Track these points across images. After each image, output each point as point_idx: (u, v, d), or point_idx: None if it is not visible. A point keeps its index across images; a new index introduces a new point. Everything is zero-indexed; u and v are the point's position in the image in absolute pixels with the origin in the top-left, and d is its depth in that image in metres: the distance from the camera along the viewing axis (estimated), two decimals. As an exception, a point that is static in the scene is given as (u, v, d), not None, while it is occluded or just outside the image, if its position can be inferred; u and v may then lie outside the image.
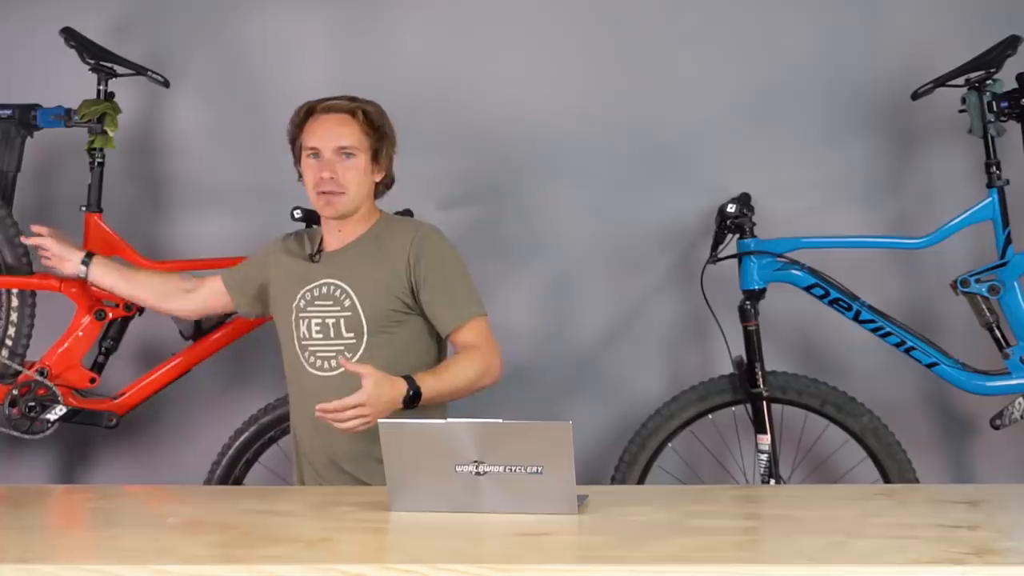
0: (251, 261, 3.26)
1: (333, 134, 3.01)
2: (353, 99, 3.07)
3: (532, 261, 3.83)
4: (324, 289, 3.02)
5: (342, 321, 2.99)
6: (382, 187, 3.12)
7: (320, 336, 3.00)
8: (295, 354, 3.06)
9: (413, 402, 2.80)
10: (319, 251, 3.10)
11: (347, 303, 2.99)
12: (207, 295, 3.27)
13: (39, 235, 3.38)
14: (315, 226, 3.26)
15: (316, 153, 3.02)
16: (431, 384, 2.84)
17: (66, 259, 3.35)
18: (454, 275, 3.01)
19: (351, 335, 2.98)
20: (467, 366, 2.92)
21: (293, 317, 3.05)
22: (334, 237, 3.09)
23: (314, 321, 3.01)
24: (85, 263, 3.33)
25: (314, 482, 3.03)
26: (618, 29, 3.86)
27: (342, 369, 2.87)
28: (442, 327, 2.99)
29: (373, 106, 3.07)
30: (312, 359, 3.03)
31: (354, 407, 2.71)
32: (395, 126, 3.10)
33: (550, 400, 3.80)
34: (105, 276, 3.34)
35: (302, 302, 3.04)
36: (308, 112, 3.06)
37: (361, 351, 2.97)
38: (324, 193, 3.01)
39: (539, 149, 3.78)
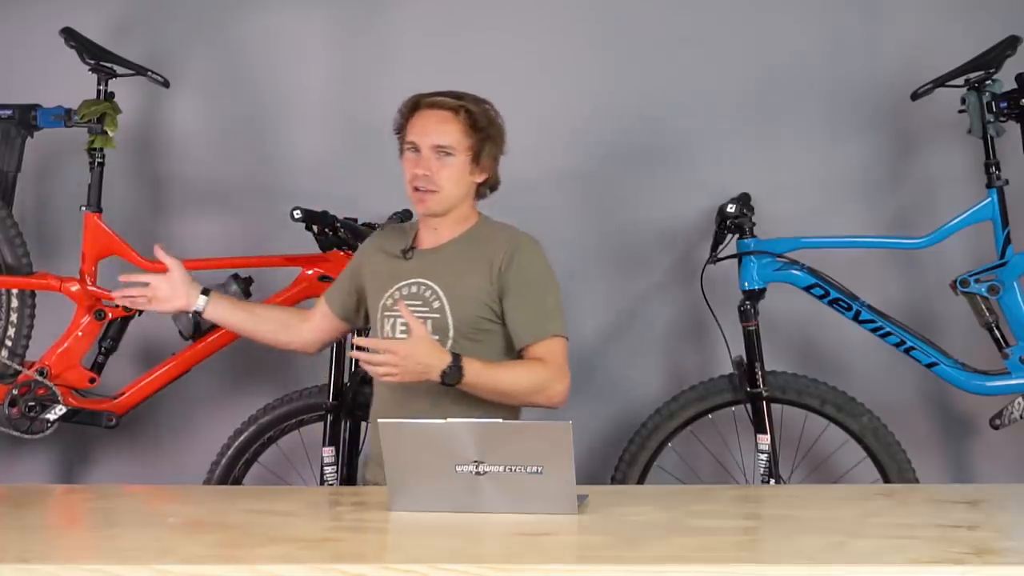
0: (346, 271, 3.15)
1: (433, 131, 2.92)
2: (460, 97, 2.97)
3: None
4: (414, 288, 2.94)
5: (429, 323, 2.88)
6: (485, 189, 3.01)
7: (404, 336, 2.89)
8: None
9: (453, 379, 2.73)
10: (412, 248, 3.02)
11: (436, 304, 2.91)
12: (319, 322, 3.14)
13: (163, 258, 3.07)
14: (414, 220, 3.16)
15: (415, 148, 2.94)
16: (477, 370, 2.75)
17: (180, 293, 3.05)
18: (542, 289, 2.92)
19: (436, 337, 2.86)
20: (525, 372, 2.84)
21: (379, 315, 2.97)
22: (430, 235, 3.01)
23: (400, 320, 2.92)
24: (205, 296, 3.07)
25: None
26: (618, 29, 3.86)
27: None
28: (518, 339, 2.89)
29: (480, 105, 2.97)
30: None
31: (386, 352, 2.67)
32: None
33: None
34: (226, 311, 3.10)
35: (389, 300, 2.95)
36: (414, 105, 2.98)
37: None
38: (417, 190, 2.93)
39: (539, 148, 3.78)
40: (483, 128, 2.94)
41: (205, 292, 3.08)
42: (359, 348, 2.74)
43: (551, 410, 2.89)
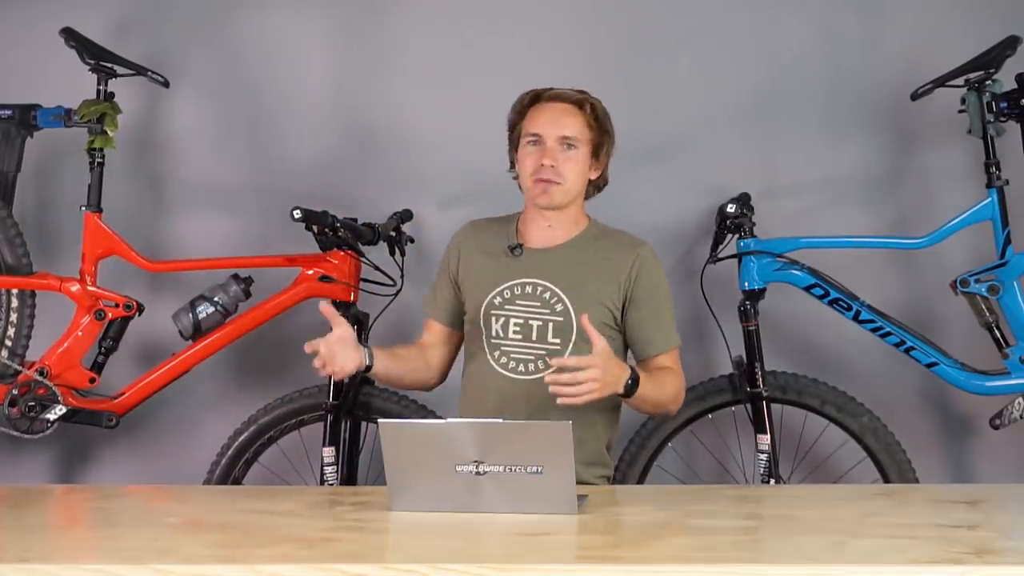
0: (440, 279, 3.09)
1: (558, 123, 2.93)
2: (581, 91, 3.00)
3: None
4: (529, 288, 2.93)
5: (550, 325, 2.89)
6: (593, 188, 3.04)
7: (519, 337, 2.90)
8: (482, 351, 2.94)
9: (632, 391, 2.73)
10: (519, 245, 2.98)
11: (559, 307, 2.90)
12: (441, 349, 3.07)
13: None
14: (512, 215, 3.10)
15: (537, 140, 2.94)
16: (645, 381, 2.77)
17: (352, 356, 2.84)
18: (666, 301, 2.98)
19: (556, 340, 2.87)
20: (670, 384, 2.90)
21: (483, 312, 2.94)
22: (542, 232, 2.98)
23: (513, 320, 2.91)
24: (368, 351, 2.92)
25: None
26: (618, 29, 3.86)
27: (538, 375, 2.85)
28: (643, 350, 2.93)
29: (599, 102, 3.01)
30: (504, 359, 2.92)
31: (590, 368, 2.61)
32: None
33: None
34: (385, 362, 2.95)
35: (498, 299, 2.93)
36: (534, 99, 2.99)
37: (565, 358, 2.81)
38: (541, 181, 2.92)
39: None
40: (603, 123, 2.98)
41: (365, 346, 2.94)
42: (555, 380, 2.63)
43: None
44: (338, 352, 2.81)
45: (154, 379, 3.60)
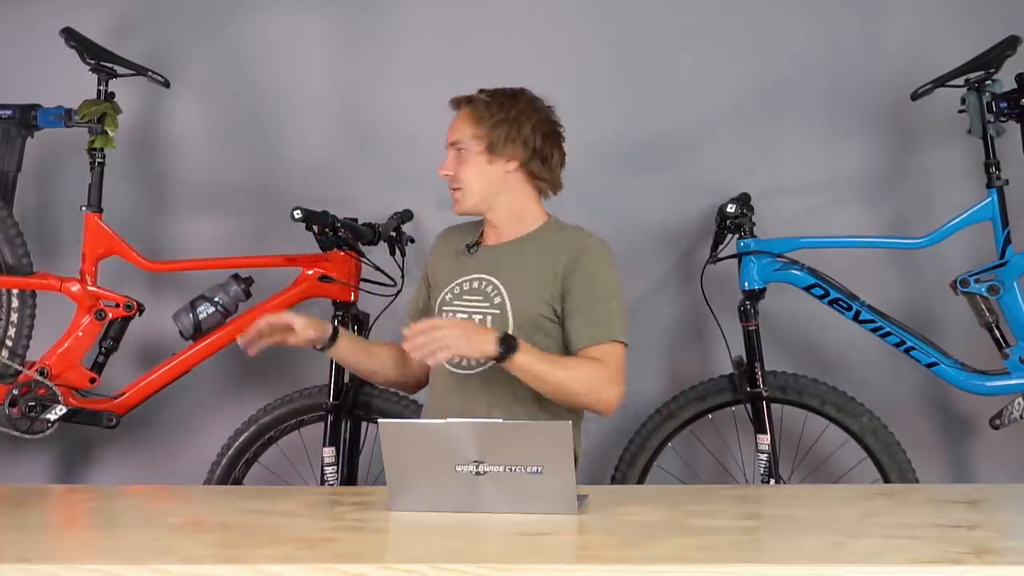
0: (419, 283, 3.10)
1: (450, 129, 2.95)
2: (481, 91, 2.96)
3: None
4: (475, 284, 2.91)
5: (488, 319, 2.85)
6: (541, 184, 2.94)
7: None
8: None
9: (509, 346, 2.65)
10: (477, 243, 2.98)
11: (497, 300, 2.87)
12: None
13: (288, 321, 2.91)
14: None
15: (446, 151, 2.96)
16: (530, 351, 2.68)
17: (314, 324, 2.91)
18: (605, 294, 2.84)
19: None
20: (581, 368, 2.76)
21: (437, 309, 2.93)
22: (492, 232, 2.97)
23: (458, 315, 2.88)
24: (336, 329, 2.95)
25: None
26: (618, 29, 3.86)
27: (475, 369, 2.80)
28: (576, 341, 2.81)
29: (492, 96, 2.92)
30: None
31: (434, 327, 2.61)
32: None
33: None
34: (348, 345, 2.98)
35: (449, 295, 2.93)
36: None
37: None
38: (451, 190, 2.94)
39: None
40: (491, 116, 2.89)
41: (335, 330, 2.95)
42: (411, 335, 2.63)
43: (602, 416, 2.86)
44: (296, 320, 2.88)
45: (154, 379, 3.61)
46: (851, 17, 3.80)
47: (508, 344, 2.67)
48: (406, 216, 3.66)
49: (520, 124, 2.90)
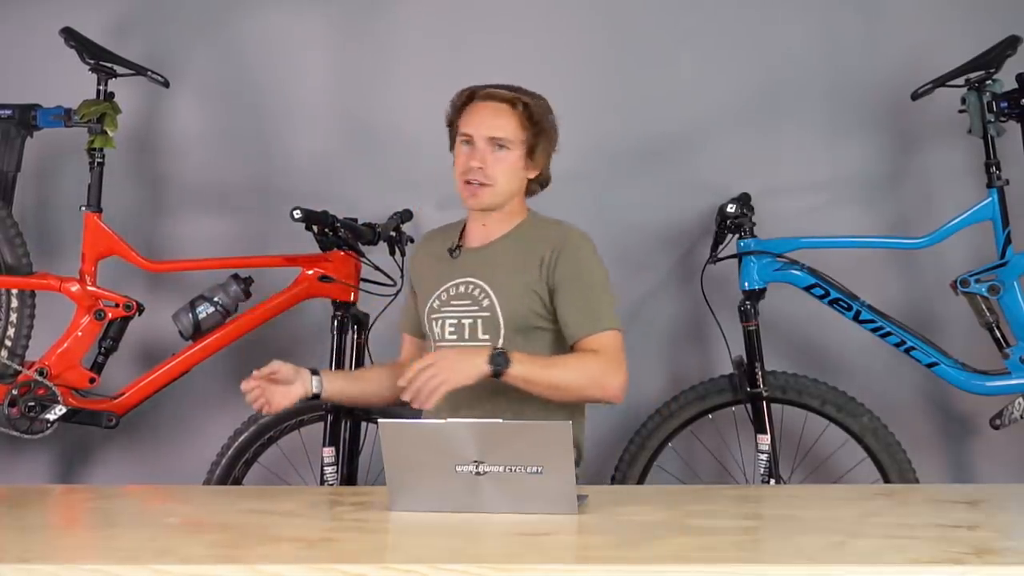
0: (408, 292, 3.09)
1: (488, 123, 2.87)
2: (516, 89, 2.93)
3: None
4: (462, 288, 2.89)
5: (479, 322, 2.85)
6: (536, 185, 2.96)
7: (454, 337, 2.86)
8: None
9: (501, 363, 2.65)
10: (459, 246, 2.95)
11: (485, 303, 2.86)
12: (414, 354, 3.01)
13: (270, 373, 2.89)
14: (462, 219, 3.06)
15: (469, 140, 2.87)
16: (524, 359, 2.68)
17: (293, 388, 2.88)
18: (594, 284, 2.85)
19: (486, 336, 2.84)
20: (577, 364, 2.76)
21: (427, 318, 2.92)
22: (477, 232, 2.94)
23: (448, 321, 2.87)
24: (317, 376, 2.91)
25: None
26: (618, 29, 3.86)
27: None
28: (570, 334, 2.81)
29: (536, 99, 2.92)
30: None
31: (423, 369, 2.59)
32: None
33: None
34: (338, 386, 2.97)
35: (436, 302, 2.91)
36: (469, 97, 2.93)
37: None
38: (469, 183, 2.86)
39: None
40: (538, 122, 2.89)
41: (315, 372, 2.92)
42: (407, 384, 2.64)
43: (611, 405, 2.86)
44: (274, 392, 2.85)
45: (154, 379, 3.61)
46: (851, 17, 3.80)
47: (500, 360, 2.67)
48: (406, 216, 3.66)
49: (551, 136, 2.94)
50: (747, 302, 3.48)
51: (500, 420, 2.35)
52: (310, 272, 3.55)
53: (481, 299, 2.87)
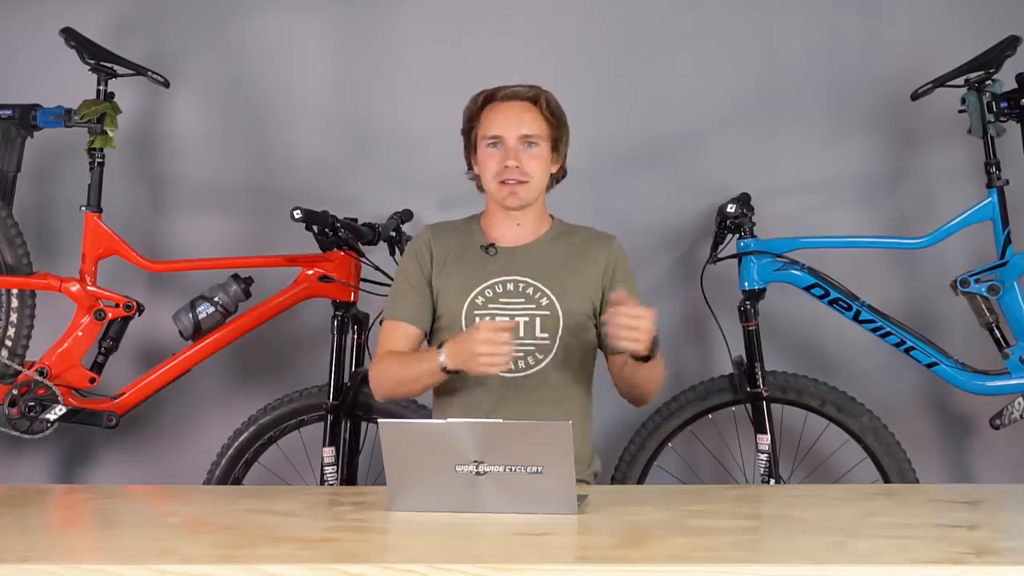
0: (410, 283, 2.95)
1: (517, 121, 2.89)
2: (532, 87, 2.96)
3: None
4: (510, 286, 2.89)
5: (538, 320, 2.87)
6: (553, 180, 2.99)
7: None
8: None
9: (654, 351, 2.75)
10: (492, 244, 2.94)
11: (544, 302, 2.88)
12: (415, 345, 2.94)
13: None
14: (471, 217, 3.03)
15: (498, 141, 2.89)
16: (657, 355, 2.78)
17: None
18: (636, 291, 2.93)
19: (545, 335, 2.86)
20: (661, 367, 2.87)
21: (465, 314, 2.88)
22: (511, 231, 2.95)
23: (500, 318, 2.86)
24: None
25: None
26: (618, 29, 3.86)
27: (532, 370, 2.84)
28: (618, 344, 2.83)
29: (551, 94, 2.97)
30: None
31: (647, 317, 2.65)
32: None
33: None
34: None
35: (480, 299, 2.89)
36: (487, 100, 2.94)
37: (554, 351, 2.86)
38: (507, 183, 2.88)
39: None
40: (559, 116, 2.96)
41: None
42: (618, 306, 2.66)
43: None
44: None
45: (154, 379, 3.61)
46: (851, 17, 3.80)
47: (655, 347, 2.75)
48: (406, 216, 3.66)
49: (568, 129, 2.99)
50: (747, 302, 3.48)
51: (500, 420, 2.35)
52: (310, 272, 3.55)
53: (538, 298, 2.89)
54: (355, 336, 3.56)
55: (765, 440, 3.42)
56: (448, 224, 3.06)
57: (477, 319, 2.87)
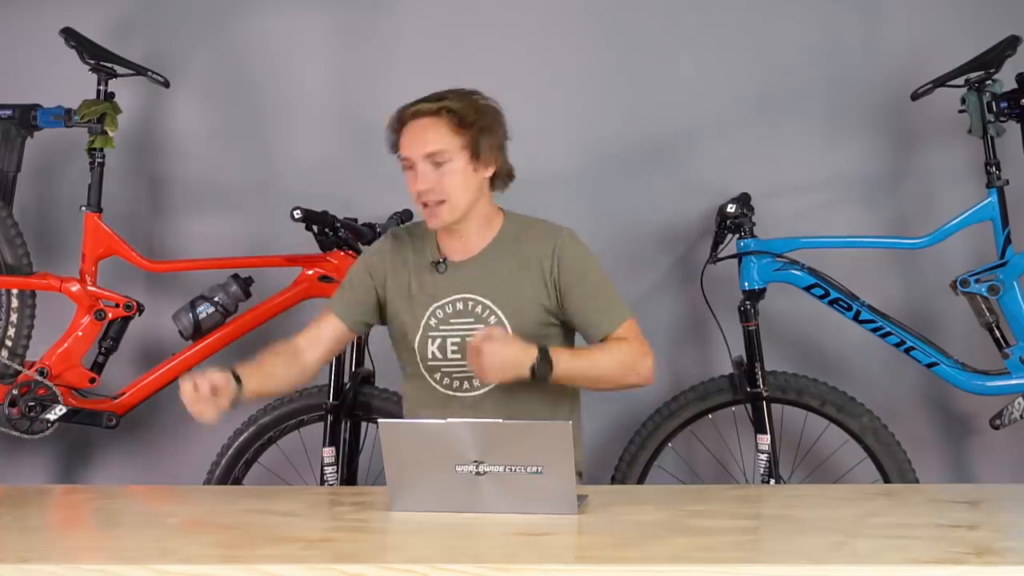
0: (355, 282, 2.92)
1: (421, 141, 2.74)
2: (441, 97, 2.79)
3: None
4: (460, 305, 2.81)
5: None
6: (500, 181, 2.84)
7: (458, 356, 2.78)
8: (420, 375, 2.84)
9: (543, 372, 2.65)
10: (443, 260, 2.85)
11: (492, 320, 2.79)
12: (329, 339, 2.90)
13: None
14: (420, 222, 2.92)
15: (410, 164, 2.77)
16: (567, 359, 2.69)
17: (221, 388, 2.62)
18: (599, 281, 2.84)
19: None
20: (614, 354, 2.78)
21: (419, 336, 2.82)
22: (457, 244, 2.84)
23: (451, 340, 2.79)
24: (238, 379, 2.68)
25: None
26: (619, 29, 3.86)
27: (482, 389, 2.77)
28: (592, 335, 2.81)
29: (464, 99, 2.79)
30: (446, 380, 2.82)
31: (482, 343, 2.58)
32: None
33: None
34: (252, 382, 2.74)
35: (432, 320, 2.81)
36: (399, 121, 2.81)
37: None
38: (425, 205, 2.76)
39: (539, 149, 3.77)
40: (472, 121, 2.77)
41: (235, 376, 2.69)
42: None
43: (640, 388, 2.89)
44: (209, 404, 2.61)
45: (154, 379, 3.61)
46: (851, 17, 3.80)
47: (544, 368, 2.66)
48: (406, 216, 3.66)
49: (495, 128, 2.82)
50: (747, 302, 3.48)
51: (500, 420, 2.35)
52: (310, 272, 3.55)
53: (486, 316, 2.81)
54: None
55: (765, 440, 3.41)
56: (409, 233, 2.95)
57: (429, 341, 2.81)
